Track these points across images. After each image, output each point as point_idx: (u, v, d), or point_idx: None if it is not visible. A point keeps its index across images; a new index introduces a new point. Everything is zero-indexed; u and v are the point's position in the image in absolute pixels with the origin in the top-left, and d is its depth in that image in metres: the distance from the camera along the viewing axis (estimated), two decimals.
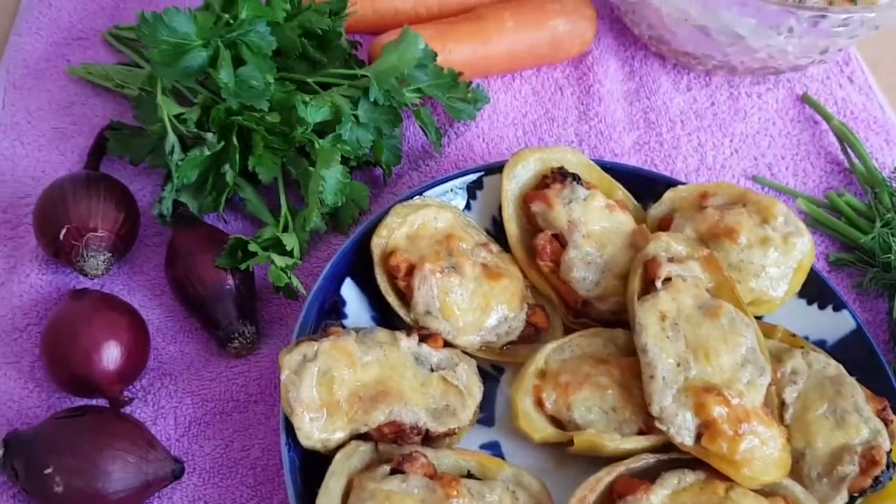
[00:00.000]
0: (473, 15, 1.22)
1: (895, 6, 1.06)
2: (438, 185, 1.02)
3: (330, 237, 1.00)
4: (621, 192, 1.05)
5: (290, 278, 0.91)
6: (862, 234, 1.10)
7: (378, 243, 0.91)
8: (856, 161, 1.19)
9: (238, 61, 0.95)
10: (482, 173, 1.04)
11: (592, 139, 1.21)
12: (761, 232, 0.97)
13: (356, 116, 1.03)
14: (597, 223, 0.98)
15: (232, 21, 0.95)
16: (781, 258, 0.96)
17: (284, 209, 1.00)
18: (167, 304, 0.93)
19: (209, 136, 0.96)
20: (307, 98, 0.99)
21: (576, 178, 1.01)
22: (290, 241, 0.95)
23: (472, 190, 1.04)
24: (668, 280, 0.89)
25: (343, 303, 0.88)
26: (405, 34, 1.06)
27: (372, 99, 1.04)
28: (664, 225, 1.03)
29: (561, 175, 1.01)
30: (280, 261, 0.92)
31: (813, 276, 0.98)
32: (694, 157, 1.20)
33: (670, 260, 0.91)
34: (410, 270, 0.89)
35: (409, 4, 1.25)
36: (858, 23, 1.06)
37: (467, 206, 1.04)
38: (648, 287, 0.89)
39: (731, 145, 1.22)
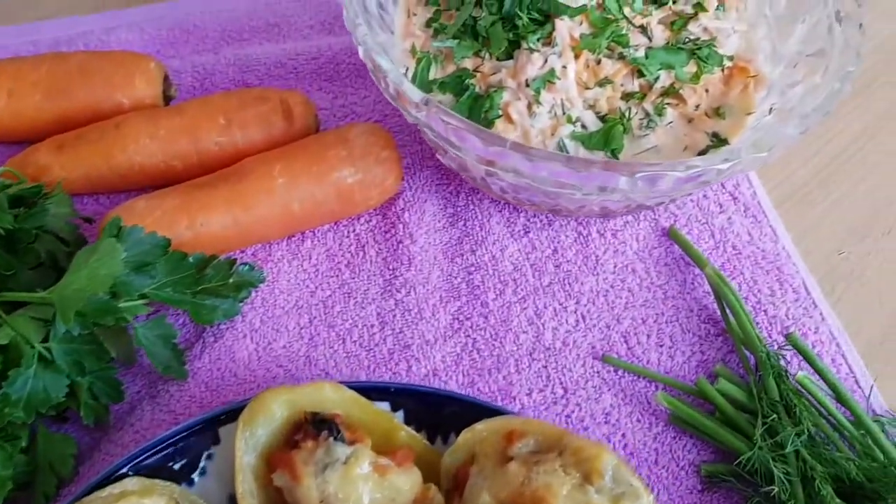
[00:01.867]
0: (237, 170, 0.95)
1: (762, 147, 0.79)
2: (149, 452, 0.75)
3: None
4: (405, 432, 0.78)
5: None
6: (741, 442, 0.84)
7: None
8: (736, 325, 0.92)
9: None
10: (217, 421, 0.77)
11: (398, 321, 0.94)
12: (581, 498, 0.71)
13: (44, 355, 0.76)
14: (363, 496, 0.71)
15: None
16: None
17: None
18: None
19: None
20: None
21: (333, 430, 0.74)
22: None
23: (207, 445, 0.77)
24: None
25: None
26: (101, 243, 0.78)
27: (62, 331, 0.77)
28: (460, 480, 0.76)
29: (314, 427, 0.74)
30: None
31: None
32: (528, 334, 0.93)
33: None
34: None
35: (157, 158, 0.98)
36: (714, 173, 0.79)
37: (202, 471, 0.77)
38: None
39: (576, 310, 0.96)
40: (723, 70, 0.97)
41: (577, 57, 0.92)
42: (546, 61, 0.92)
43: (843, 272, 1.03)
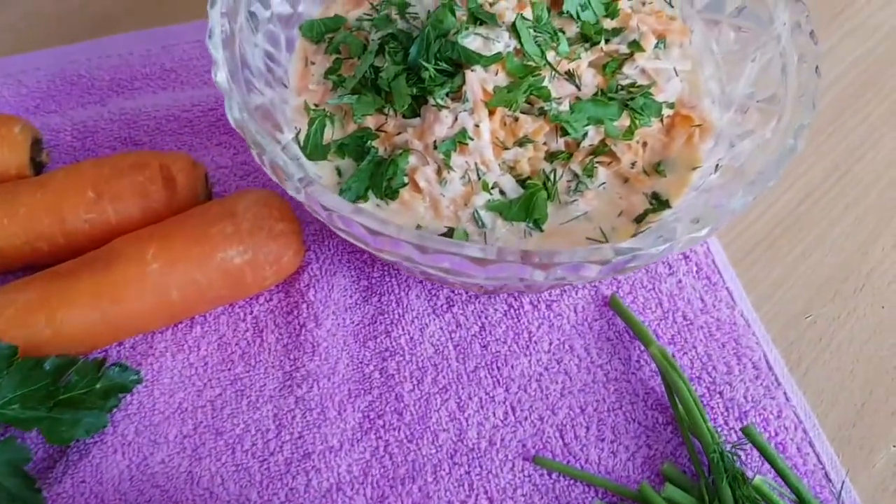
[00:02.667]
0: (106, 254, 0.82)
1: (705, 222, 0.67)
2: None
3: None
4: None
5: None
6: None
7: None
8: (685, 416, 0.80)
9: None
10: None
11: (297, 423, 0.81)
12: None
13: None
14: None
15: None
16: None
17: None
18: None
19: None
20: None
21: None
22: None
23: None
24: None
25: None
26: None
27: None
28: None
29: None
30: None
31: None
32: (449, 432, 0.81)
33: None
34: None
35: (19, 240, 0.85)
36: (646, 258, 0.67)
37: None
38: None
39: (505, 400, 0.84)
40: (662, 120, 0.84)
41: (491, 113, 0.79)
42: (456, 119, 0.79)
43: (811, 339, 0.91)
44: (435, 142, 0.80)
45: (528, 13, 0.86)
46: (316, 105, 0.86)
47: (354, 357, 0.87)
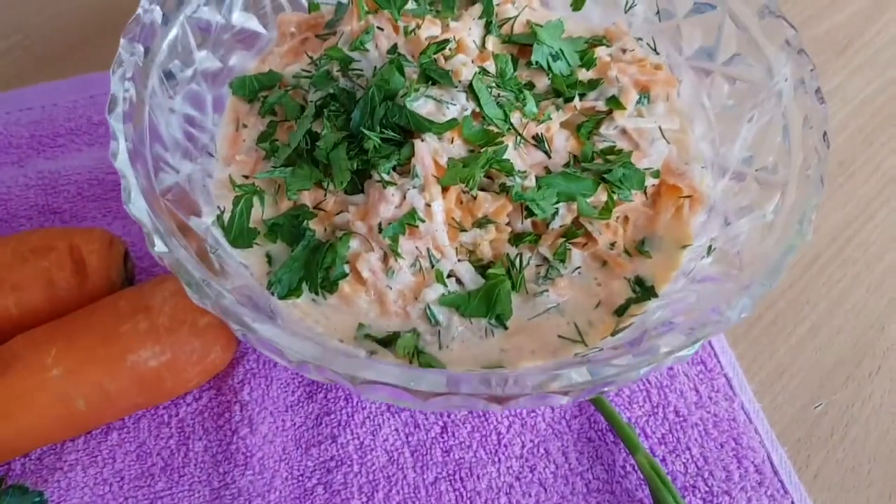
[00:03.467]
0: (4, 356, 0.71)
1: (695, 336, 0.55)
2: None
3: None
4: None
5: None
6: None
7: None
8: None
9: None
10: None
11: None
12: None
13: None
14: None
15: None
16: None
17: None
18: None
19: None
20: None
21: None
22: None
23: None
24: None
25: None
26: None
27: None
28: None
29: None
30: None
31: None
32: None
33: None
34: None
35: None
36: (625, 379, 0.55)
37: None
38: None
39: None
40: (645, 191, 0.73)
41: (446, 191, 0.68)
42: (405, 197, 0.68)
43: (821, 435, 0.80)
44: (380, 224, 0.68)
45: (489, 65, 0.74)
46: (246, 177, 0.75)
47: (294, 468, 0.75)
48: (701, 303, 0.63)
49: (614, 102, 0.76)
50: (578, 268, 0.71)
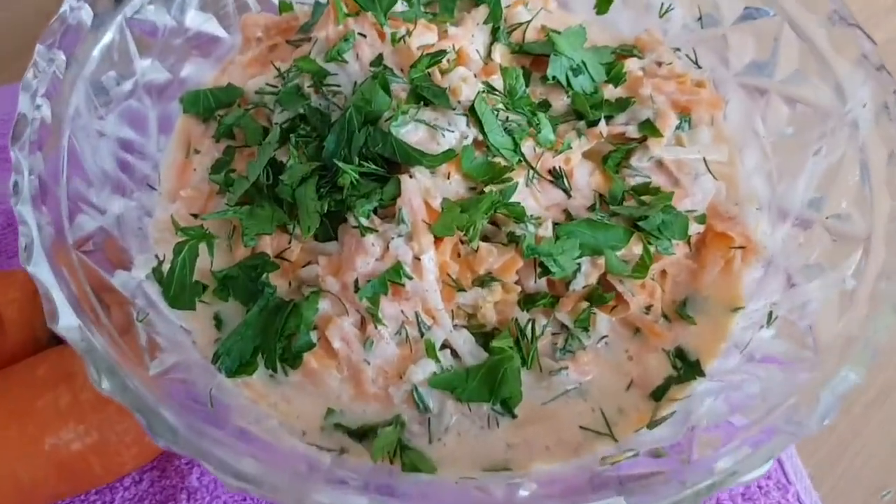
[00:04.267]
0: None
1: (757, 461, 0.41)
2: None
3: None
4: None
5: None
6: None
7: None
8: None
9: None
10: None
11: None
12: None
13: None
14: None
15: None
16: None
17: None
18: None
19: None
20: None
21: None
22: None
23: None
24: None
25: None
26: None
27: None
28: None
29: None
30: None
31: None
32: None
33: None
34: None
35: None
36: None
37: None
38: None
39: None
40: (689, 241, 0.58)
41: (439, 241, 0.53)
42: (388, 248, 0.54)
43: None
44: (356, 281, 0.54)
45: (496, 81, 0.60)
46: (195, 216, 0.60)
47: None
48: (766, 396, 0.48)
49: (648, 127, 0.62)
50: (605, 337, 0.57)
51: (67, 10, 0.59)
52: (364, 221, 0.56)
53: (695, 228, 0.60)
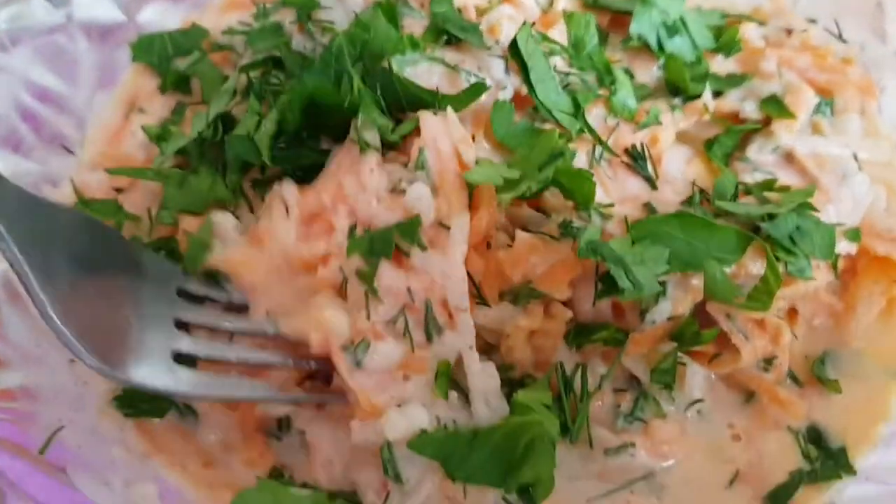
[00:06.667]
0: None
1: None
2: None
3: None
4: None
5: None
6: None
7: None
8: None
9: None
10: None
11: None
12: None
13: None
14: None
15: None
16: None
17: None
18: None
19: None
20: None
21: None
22: None
23: None
24: None
25: None
26: None
27: None
28: None
29: None
30: None
31: None
32: None
33: None
34: None
35: None
36: None
37: None
38: None
39: None
40: (835, 266, 0.38)
41: (474, 210, 0.35)
42: (395, 189, 0.37)
43: None
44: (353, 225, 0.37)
45: (557, 34, 0.43)
46: (119, 191, 0.43)
47: None
48: None
49: (774, 106, 0.44)
50: (699, 402, 0.37)
51: None
52: (368, 136, 0.38)
53: (844, 247, 0.41)
